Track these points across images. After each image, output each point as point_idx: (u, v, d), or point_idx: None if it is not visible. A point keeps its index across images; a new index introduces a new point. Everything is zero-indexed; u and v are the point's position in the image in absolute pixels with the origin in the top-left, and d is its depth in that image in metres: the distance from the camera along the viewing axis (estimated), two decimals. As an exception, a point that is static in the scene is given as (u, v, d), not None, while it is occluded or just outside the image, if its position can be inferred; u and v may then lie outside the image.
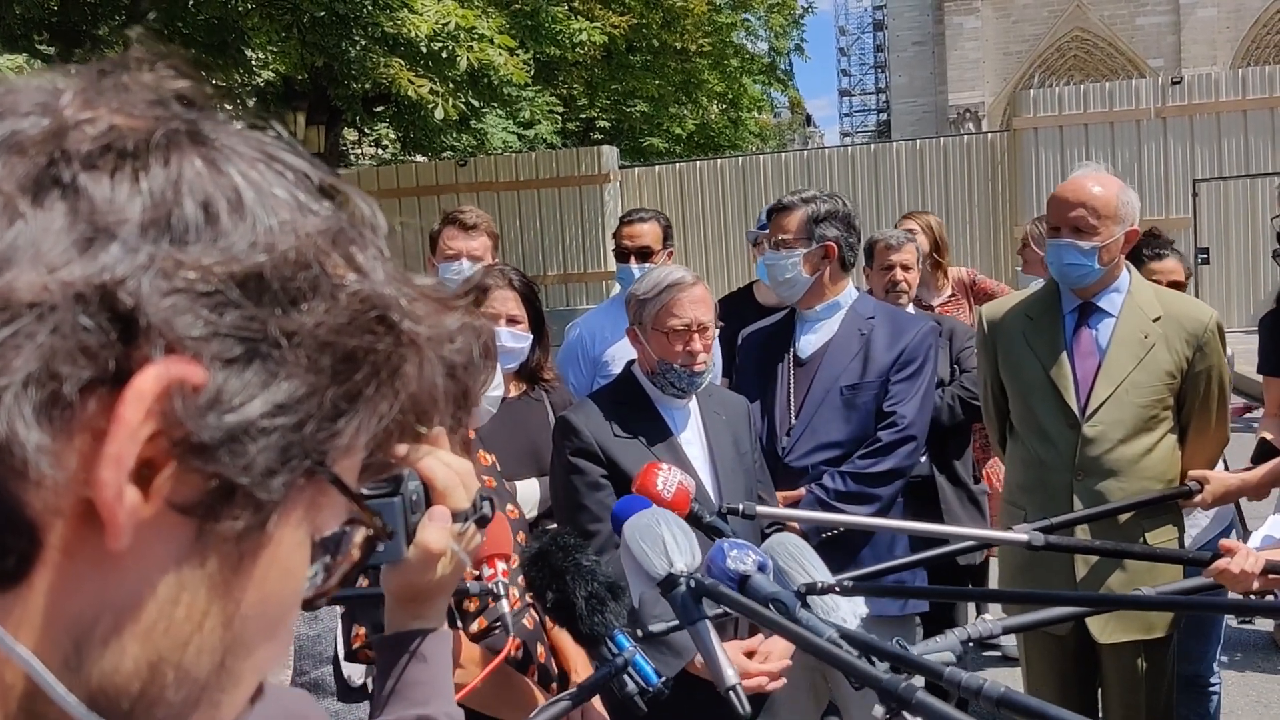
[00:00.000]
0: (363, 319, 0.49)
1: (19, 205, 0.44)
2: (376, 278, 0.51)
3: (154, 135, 0.47)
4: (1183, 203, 16.07)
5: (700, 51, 20.23)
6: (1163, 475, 3.10)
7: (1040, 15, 40.41)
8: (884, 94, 57.87)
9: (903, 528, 3.01)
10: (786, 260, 3.42)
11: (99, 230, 0.44)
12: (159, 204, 0.45)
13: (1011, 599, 3.02)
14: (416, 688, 1.14)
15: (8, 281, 0.42)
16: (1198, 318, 3.12)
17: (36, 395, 0.42)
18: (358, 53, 11.26)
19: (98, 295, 0.43)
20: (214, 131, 0.49)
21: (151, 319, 0.43)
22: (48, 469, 0.42)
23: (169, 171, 0.46)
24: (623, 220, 4.52)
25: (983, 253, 16.28)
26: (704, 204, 17.31)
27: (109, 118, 0.47)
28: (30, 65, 8.34)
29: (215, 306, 0.45)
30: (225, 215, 0.46)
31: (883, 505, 3.27)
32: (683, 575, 1.48)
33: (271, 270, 0.46)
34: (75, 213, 0.44)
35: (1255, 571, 2.40)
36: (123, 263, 0.43)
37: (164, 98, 0.49)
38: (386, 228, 0.54)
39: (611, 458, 2.71)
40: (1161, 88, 16.24)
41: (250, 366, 0.45)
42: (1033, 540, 2.17)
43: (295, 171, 0.51)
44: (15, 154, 0.45)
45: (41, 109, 0.47)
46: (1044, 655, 3.27)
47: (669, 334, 2.79)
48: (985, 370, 3.42)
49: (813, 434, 3.30)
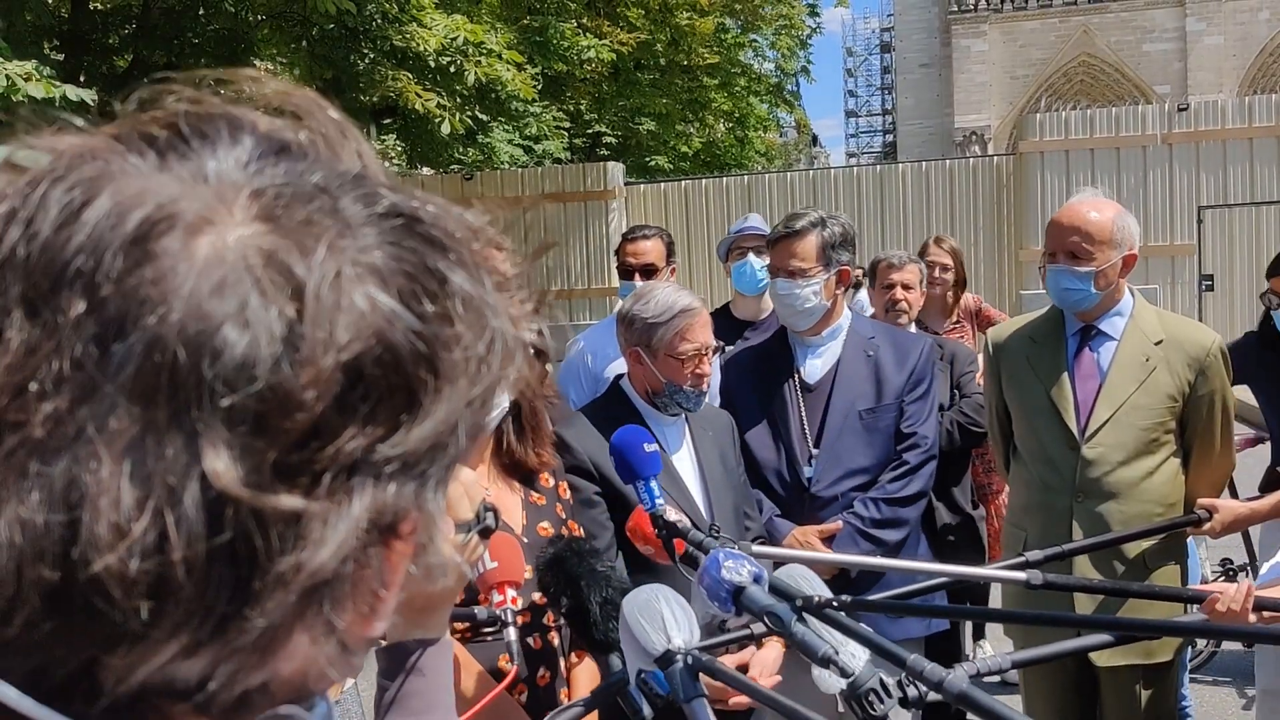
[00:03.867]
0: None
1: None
2: (509, 334, 0.53)
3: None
4: (1187, 229, 16.08)
5: (708, 69, 20.32)
6: (1164, 499, 3.09)
7: (1047, 40, 40.59)
8: (890, 115, 58.06)
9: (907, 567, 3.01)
10: (806, 289, 3.28)
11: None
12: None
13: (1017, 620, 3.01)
14: (416, 698, 1.15)
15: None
16: (1200, 341, 3.12)
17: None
18: (366, 66, 11.31)
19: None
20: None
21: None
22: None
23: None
24: (625, 237, 4.48)
25: (987, 275, 16.29)
26: (708, 221, 17.33)
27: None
28: (39, 73, 8.36)
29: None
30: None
31: (910, 527, 3.28)
32: (680, 651, 1.48)
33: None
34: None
35: (1247, 608, 2.39)
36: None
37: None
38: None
39: (605, 474, 2.69)
40: (1168, 114, 16.28)
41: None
42: (1031, 580, 2.17)
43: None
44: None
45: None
46: (1043, 679, 3.25)
47: (682, 359, 2.78)
48: (991, 393, 3.42)
49: (837, 461, 3.25)
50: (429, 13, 11.38)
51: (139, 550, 0.43)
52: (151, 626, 0.44)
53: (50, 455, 0.43)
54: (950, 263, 5.25)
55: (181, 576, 0.43)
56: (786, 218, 3.45)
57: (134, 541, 0.43)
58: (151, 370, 0.43)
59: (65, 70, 10.35)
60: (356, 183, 0.50)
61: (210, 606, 0.44)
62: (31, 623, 0.44)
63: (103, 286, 0.44)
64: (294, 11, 10.88)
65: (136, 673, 0.45)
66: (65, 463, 0.43)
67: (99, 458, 0.43)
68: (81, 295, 0.44)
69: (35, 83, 8.14)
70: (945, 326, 5.23)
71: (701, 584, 1.70)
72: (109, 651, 0.45)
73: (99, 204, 0.45)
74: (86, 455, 0.43)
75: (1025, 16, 40.83)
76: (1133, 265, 3.17)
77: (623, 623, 1.54)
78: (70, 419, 0.43)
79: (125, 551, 0.43)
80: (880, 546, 3.19)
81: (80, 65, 11.32)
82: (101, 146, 0.48)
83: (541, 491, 2.61)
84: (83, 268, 0.44)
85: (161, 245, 0.44)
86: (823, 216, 3.38)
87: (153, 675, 0.45)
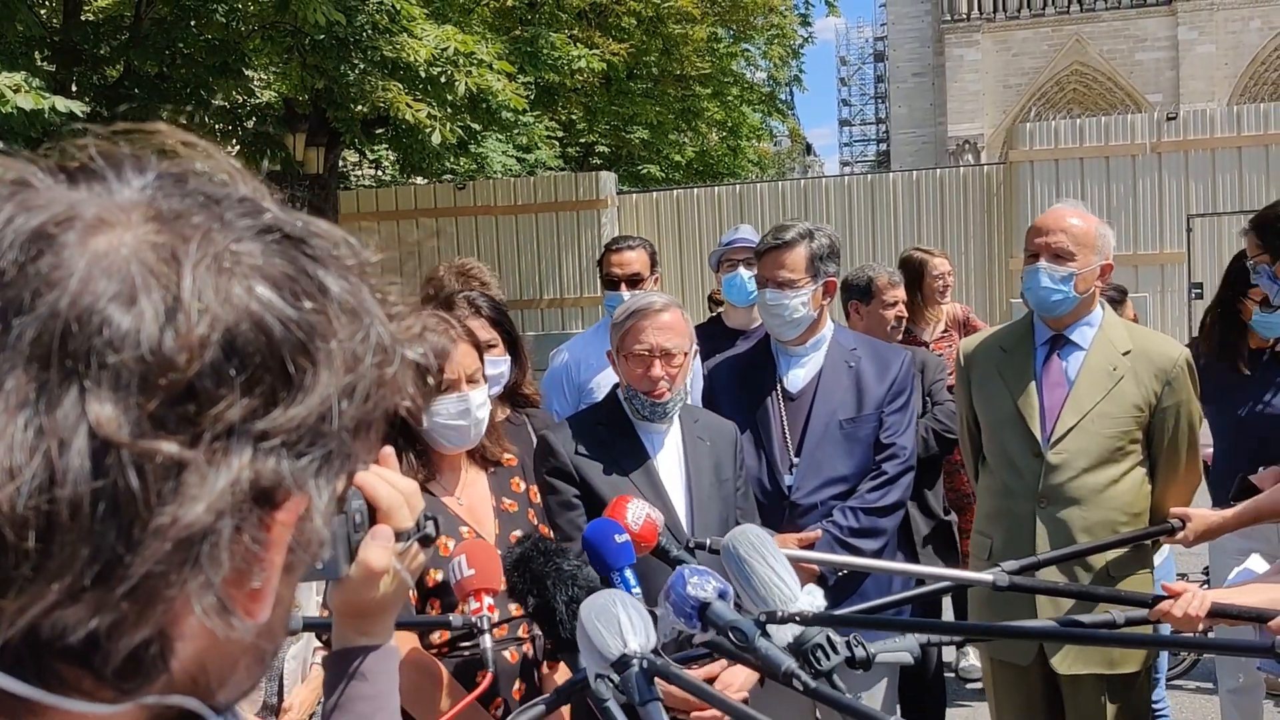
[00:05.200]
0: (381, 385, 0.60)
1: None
2: (385, 337, 0.60)
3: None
4: (1177, 238, 16.14)
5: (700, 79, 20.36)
6: (1128, 507, 3.12)
7: (1040, 49, 40.69)
8: (884, 124, 58.17)
9: (876, 566, 3.03)
10: (794, 300, 3.32)
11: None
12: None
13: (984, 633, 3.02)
14: (360, 703, 1.16)
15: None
16: (1167, 354, 3.15)
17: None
18: (356, 76, 11.32)
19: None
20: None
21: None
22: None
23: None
24: (609, 248, 4.49)
25: (977, 284, 16.33)
26: (701, 231, 17.34)
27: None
28: (29, 84, 8.37)
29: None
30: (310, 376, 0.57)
31: (888, 536, 3.30)
32: (636, 656, 1.49)
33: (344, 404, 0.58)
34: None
35: (1199, 614, 2.40)
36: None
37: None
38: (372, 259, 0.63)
39: (585, 478, 2.74)
40: (1157, 123, 16.33)
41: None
42: (997, 581, 2.19)
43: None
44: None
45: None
46: (1008, 687, 3.27)
47: (631, 359, 2.81)
48: (961, 403, 3.45)
49: (817, 470, 3.29)
50: (419, 23, 11.40)
51: (27, 490, 0.49)
52: (38, 570, 0.50)
53: None
54: (949, 266, 5.48)
55: (66, 516, 0.49)
56: (774, 229, 3.49)
57: (23, 482, 0.49)
58: (46, 339, 0.50)
59: (56, 81, 10.36)
60: (243, 203, 0.58)
61: (94, 550, 0.50)
62: None
63: (7, 272, 0.51)
64: (285, 22, 10.89)
65: (26, 614, 0.50)
66: None
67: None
68: None
69: (24, 94, 8.15)
70: (934, 336, 5.27)
71: (668, 600, 1.72)
72: (1, 594, 0.50)
73: (7, 208, 0.53)
74: None
75: (1018, 25, 40.92)
76: (1109, 276, 3.20)
77: (580, 627, 1.56)
78: None
79: (15, 490, 0.49)
80: (858, 555, 3.21)
81: (71, 75, 11.33)
82: (19, 166, 0.56)
83: (513, 498, 2.64)
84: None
85: (61, 240, 0.52)
86: (810, 228, 3.42)
87: (39, 620, 0.50)
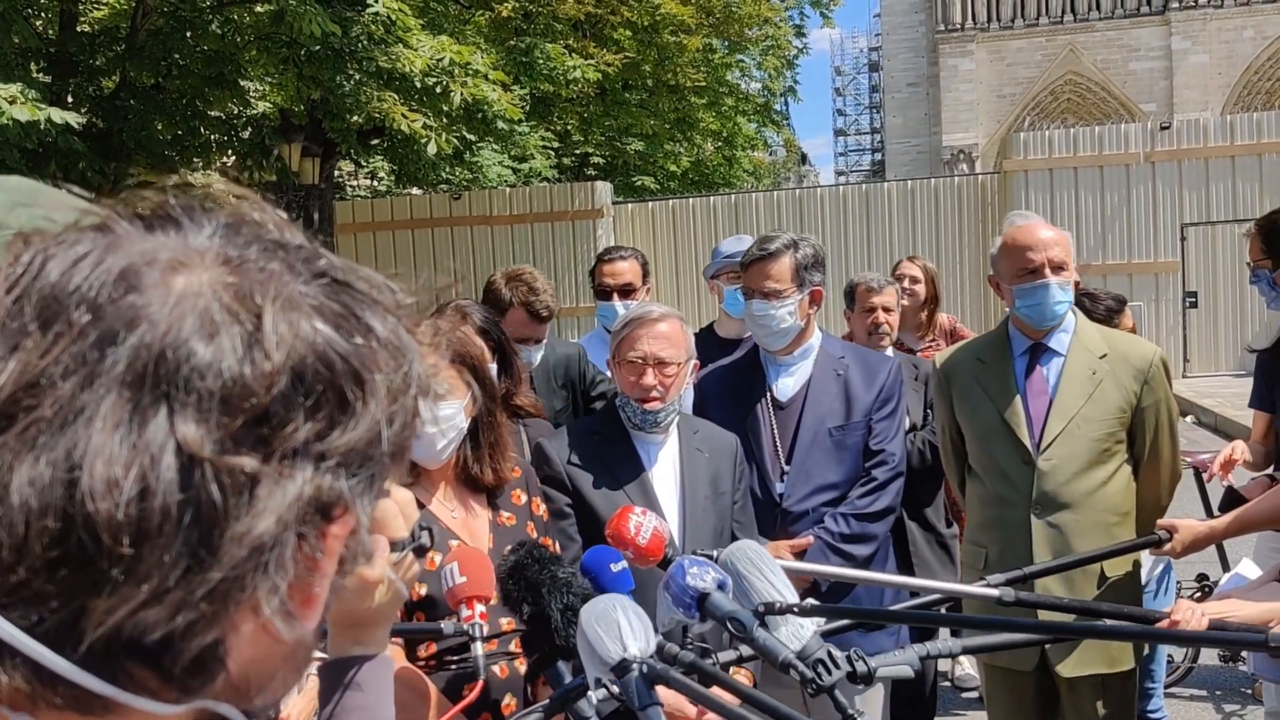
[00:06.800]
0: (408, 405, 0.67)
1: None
2: (421, 373, 0.67)
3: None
4: (1171, 246, 16.20)
5: (695, 89, 20.40)
6: (1117, 508, 3.17)
7: (1034, 59, 40.82)
8: (879, 134, 58.30)
9: (880, 580, 3.05)
10: (781, 310, 3.34)
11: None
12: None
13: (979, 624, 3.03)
14: (355, 713, 1.16)
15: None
16: (1143, 354, 3.22)
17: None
18: (352, 87, 11.34)
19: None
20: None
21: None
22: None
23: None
24: (602, 259, 4.53)
25: (972, 293, 16.37)
26: (696, 240, 17.40)
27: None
28: (25, 95, 8.39)
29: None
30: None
31: (879, 542, 3.33)
32: (636, 660, 1.50)
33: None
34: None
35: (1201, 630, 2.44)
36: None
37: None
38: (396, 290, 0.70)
39: (577, 487, 2.75)
40: (1150, 132, 16.41)
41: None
42: (1003, 596, 2.21)
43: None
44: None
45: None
46: (1007, 691, 3.29)
47: (625, 366, 2.83)
48: (942, 415, 3.47)
49: (807, 477, 3.31)
50: (415, 34, 11.43)
51: (125, 499, 0.55)
52: (129, 572, 0.56)
53: (57, 430, 0.56)
54: (920, 275, 5.32)
55: (157, 523, 0.56)
56: (759, 240, 3.51)
57: (123, 492, 0.55)
58: (139, 367, 0.57)
59: (52, 92, 10.37)
60: (300, 250, 0.66)
61: (179, 554, 0.56)
62: (34, 570, 0.55)
63: (103, 307, 0.58)
64: (280, 33, 10.91)
65: (115, 614, 0.56)
66: (69, 435, 0.56)
67: (96, 430, 0.56)
68: (86, 312, 0.58)
69: (20, 105, 8.17)
70: (921, 345, 5.27)
71: (667, 590, 1.72)
72: (95, 595, 0.56)
73: (95, 253, 0.61)
74: (86, 428, 0.56)
75: (1012, 35, 41.06)
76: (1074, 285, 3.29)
77: (580, 632, 1.56)
78: (73, 402, 0.57)
79: (115, 499, 0.55)
80: (849, 561, 3.23)
81: (67, 87, 11.34)
82: (102, 213, 0.64)
83: (512, 510, 2.59)
84: (86, 294, 0.59)
85: (146, 280, 0.60)
86: (795, 239, 3.45)
87: (125, 620, 0.56)
